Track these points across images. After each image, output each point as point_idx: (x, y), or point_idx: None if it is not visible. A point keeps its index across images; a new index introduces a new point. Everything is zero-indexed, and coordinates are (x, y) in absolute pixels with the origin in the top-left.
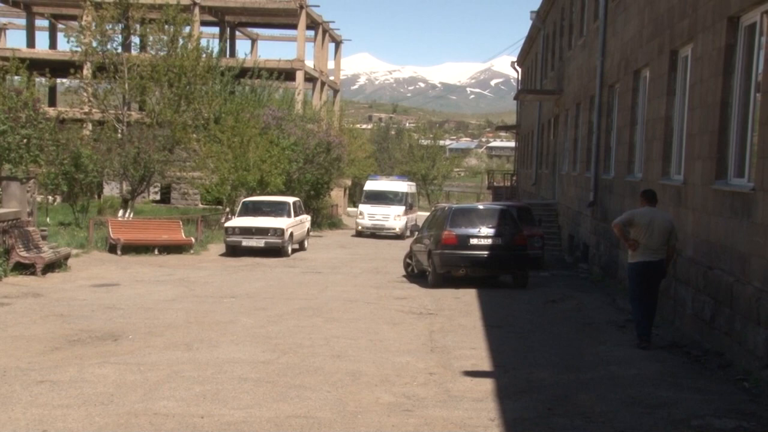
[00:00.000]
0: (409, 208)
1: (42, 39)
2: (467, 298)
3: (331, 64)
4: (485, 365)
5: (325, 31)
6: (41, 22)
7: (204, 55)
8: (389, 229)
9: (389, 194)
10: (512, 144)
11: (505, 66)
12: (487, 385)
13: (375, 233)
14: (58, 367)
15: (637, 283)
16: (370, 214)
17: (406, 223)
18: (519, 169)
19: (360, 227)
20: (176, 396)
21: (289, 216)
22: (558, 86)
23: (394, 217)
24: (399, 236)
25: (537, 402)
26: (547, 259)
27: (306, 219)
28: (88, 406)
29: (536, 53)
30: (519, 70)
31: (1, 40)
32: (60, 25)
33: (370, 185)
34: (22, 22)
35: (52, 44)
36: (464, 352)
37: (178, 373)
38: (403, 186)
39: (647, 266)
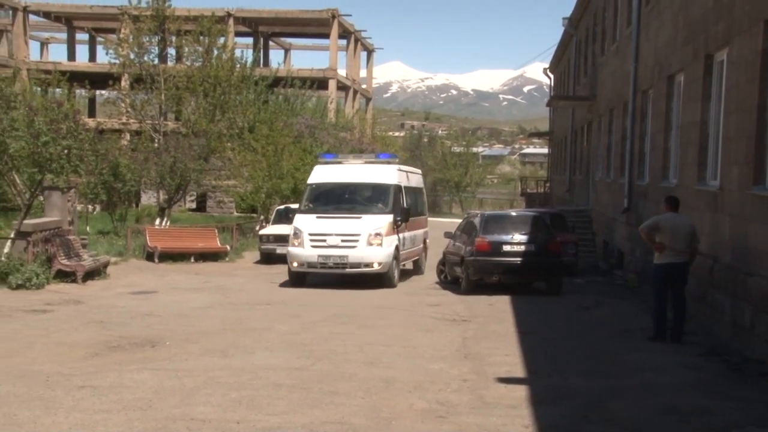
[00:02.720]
0: (403, 217)
1: (82, 52)
2: (500, 305)
3: (363, 73)
4: (519, 372)
5: (357, 40)
6: (81, 36)
7: (238, 66)
8: (358, 264)
9: (360, 191)
10: (545, 150)
11: (538, 73)
12: (521, 391)
13: (330, 271)
14: (99, 373)
15: (663, 282)
16: (315, 236)
17: (397, 247)
18: (552, 176)
19: (295, 263)
20: (212, 402)
21: None
22: (591, 92)
23: (368, 239)
24: (382, 276)
25: (571, 409)
26: (581, 266)
27: None
28: (127, 411)
29: (569, 59)
30: (551, 76)
31: (43, 54)
32: (99, 39)
33: (321, 174)
34: (64, 36)
35: (92, 57)
36: (498, 359)
37: (214, 379)
38: (390, 173)
39: (672, 267)
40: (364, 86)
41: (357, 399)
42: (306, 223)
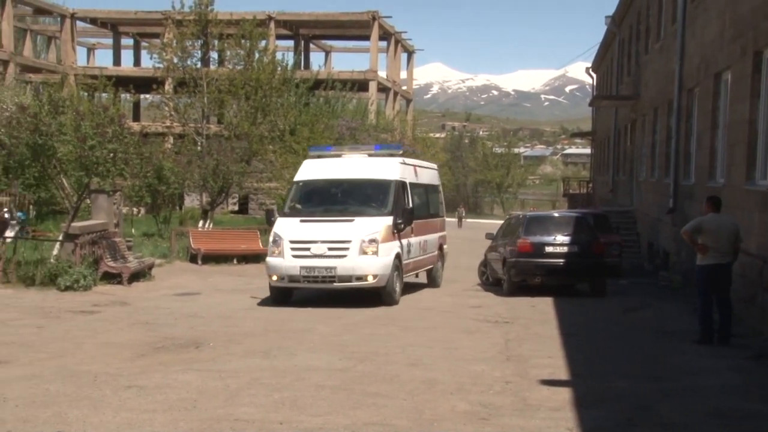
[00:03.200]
0: (406, 219)
1: (127, 57)
2: (543, 307)
3: (403, 74)
4: (562, 374)
5: (397, 42)
6: (126, 41)
7: (279, 68)
8: (348, 276)
9: (354, 189)
10: (588, 151)
11: (580, 72)
12: (565, 394)
13: (316, 286)
14: (144, 373)
15: (706, 284)
16: (297, 244)
17: (398, 256)
18: (595, 176)
19: (274, 276)
20: (256, 402)
21: None
22: (634, 91)
23: (361, 247)
24: (380, 291)
25: (616, 412)
26: (626, 267)
27: None
28: (173, 411)
29: (611, 58)
30: (594, 75)
31: (90, 60)
32: (143, 43)
33: (309, 170)
34: (110, 41)
35: (136, 62)
36: (541, 361)
37: (257, 380)
38: (390, 168)
39: (716, 268)
40: (404, 88)
41: (399, 400)
42: (287, 228)
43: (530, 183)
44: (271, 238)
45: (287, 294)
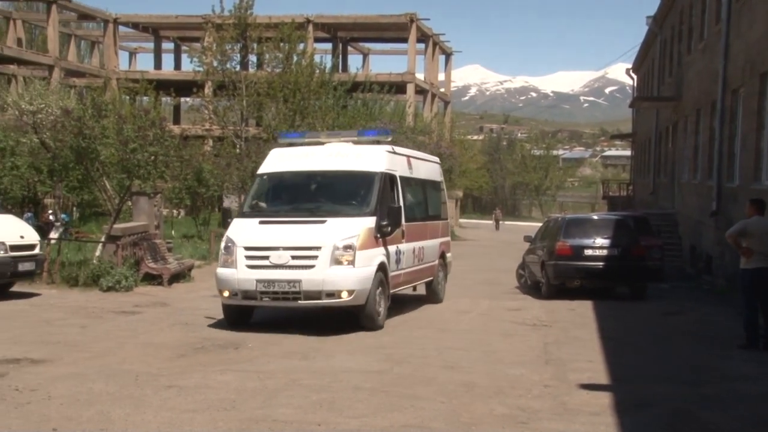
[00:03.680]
0: (393, 220)
1: (168, 61)
2: (582, 310)
3: (441, 76)
4: (602, 378)
5: (435, 44)
6: (167, 45)
7: (317, 71)
8: (316, 293)
9: (330, 183)
10: (628, 153)
11: (620, 73)
12: (605, 398)
13: (277, 304)
14: (184, 373)
15: (751, 288)
16: (253, 251)
17: (382, 267)
18: (635, 179)
19: (226, 292)
20: (294, 404)
21: None
22: (676, 92)
23: (333, 255)
24: (357, 311)
25: (657, 417)
26: (667, 271)
27: None
28: (212, 411)
29: (653, 59)
30: (634, 77)
31: (132, 64)
32: (184, 47)
33: (276, 161)
34: (151, 45)
35: (177, 65)
36: (580, 365)
37: (295, 381)
38: (375, 158)
39: (762, 272)
40: (442, 90)
41: (436, 403)
42: (242, 231)
43: (569, 185)
44: (222, 244)
45: (245, 314)
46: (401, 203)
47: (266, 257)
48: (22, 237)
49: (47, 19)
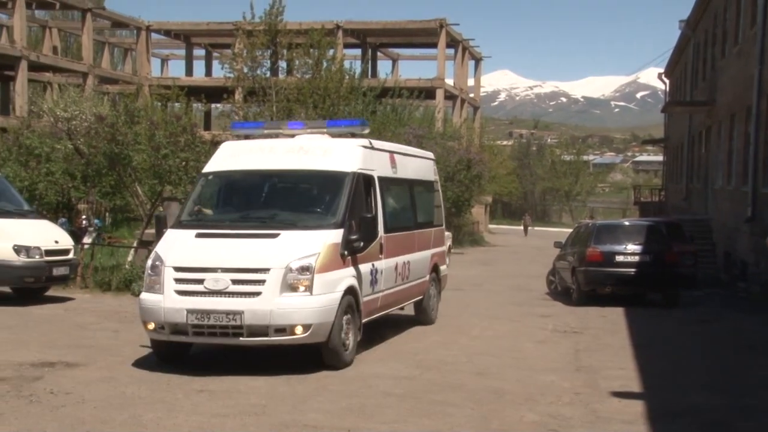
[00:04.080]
0: (365, 234)
1: (199, 67)
2: (614, 317)
3: (471, 82)
4: (634, 386)
5: (464, 49)
6: (198, 52)
7: (347, 77)
8: (262, 328)
9: (288, 187)
10: (660, 158)
11: (652, 78)
12: (637, 407)
13: (212, 341)
14: (215, 378)
15: None
16: (184, 272)
17: (352, 291)
18: (668, 184)
19: (151, 324)
20: (324, 409)
21: None
22: (710, 97)
23: (285, 279)
24: (320, 348)
25: (692, 427)
26: (701, 278)
27: (447, 236)
28: (243, 416)
29: (686, 63)
30: (667, 81)
31: (164, 71)
32: (215, 54)
33: (226, 157)
34: (182, 52)
35: (208, 72)
36: (612, 372)
37: (325, 386)
38: (346, 154)
39: None
40: (471, 95)
41: (466, 410)
42: (174, 246)
43: (600, 191)
44: (148, 262)
45: (178, 351)
46: (379, 211)
47: (200, 281)
48: (56, 242)
49: (82, 27)
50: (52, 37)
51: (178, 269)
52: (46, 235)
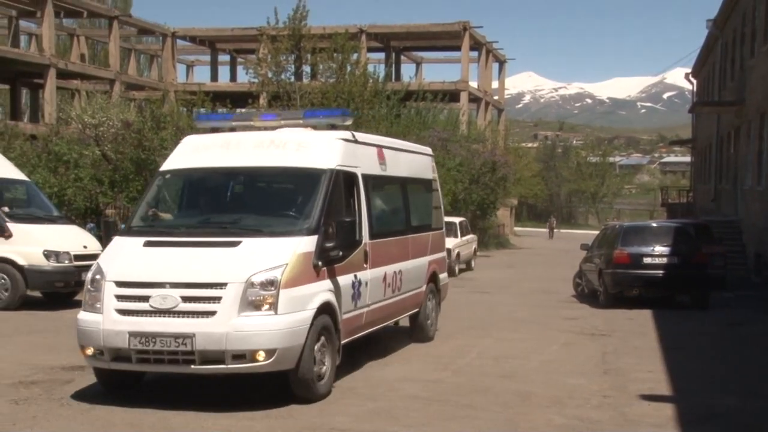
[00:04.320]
0: (342, 241)
1: (224, 73)
2: (641, 319)
3: (495, 84)
4: (664, 389)
5: (488, 52)
6: (223, 58)
7: (371, 81)
8: (217, 354)
9: (256, 185)
10: (687, 159)
11: (679, 78)
12: (667, 410)
13: (160, 369)
14: (243, 381)
15: None
16: (129, 288)
17: (328, 308)
18: (696, 185)
19: (89, 349)
20: (350, 412)
21: (455, 236)
22: (739, 97)
23: (245, 294)
24: (288, 376)
25: (723, 431)
26: (731, 279)
27: (473, 239)
28: (270, 418)
29: (713, 63)
30: (694, 81)
31: (189, 76)
32: (239, 59)
33: (187, 153)
34: (207, 58)
35: (232, 77)
36: (640, 375)
37: (351, 389)
38: (322, 149)
39: None
40: (496, 97)
41: (493, 413)
42: (118, 257)
43: (626, 192)
44: (88, 275)
45: (126, 380)
46: (363, 213)
47: (145, 298)
48: (85, 247)
49: (109, 34)
50: (79, 45)
51: (119, 284)
52: (75, 240)
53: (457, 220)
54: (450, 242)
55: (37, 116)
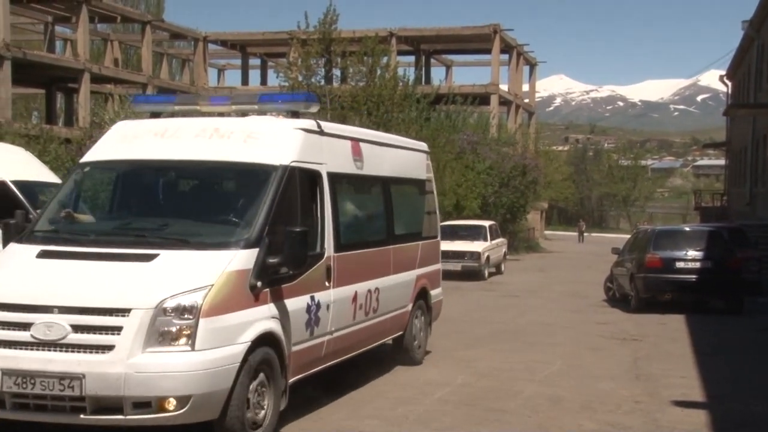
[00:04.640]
0: (293, 257)
1: (254, 76)
2: (674, 324)
3: (525, 87)
4: (696, 395)
5: (519, 55)
6: (254, 61)
7: (401, 84)
8: (114, 400)
9: (192, 183)
10: (721, 162)
11: (713, 80)
12: (700, 416)
13: (39, 418)
14: None
15: None
16: (6, 310)
17: (269, 339)
18: (730, 189)
19: None
20: (380, 415)
21: (485, 240)
22: None
23: (156, 325)
24: (216, 424)
25: None
26: (765, 285)
27: (502, 242)
28: (299, 422)
29: (749, 65)
30: (729, 83)
31: (220, 80)
32: (270, 63)
33: (115, 142)
34: (238, 62)
35: (263, 81)
36: (672, 381)
37: (380, 393)
38: (275, 140)
39: None
40: (526, 101)
41: (523, 417)
42: (3, 271)
43: (658, 196)
44: None
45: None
46: (328, 220)
47: (27, 326)
48: None
49: (141, 39)
50: (113, 50)
51: (10, 302)
52: None
53: (486, 223)
54: (479, 246)
55: (71, 120)
